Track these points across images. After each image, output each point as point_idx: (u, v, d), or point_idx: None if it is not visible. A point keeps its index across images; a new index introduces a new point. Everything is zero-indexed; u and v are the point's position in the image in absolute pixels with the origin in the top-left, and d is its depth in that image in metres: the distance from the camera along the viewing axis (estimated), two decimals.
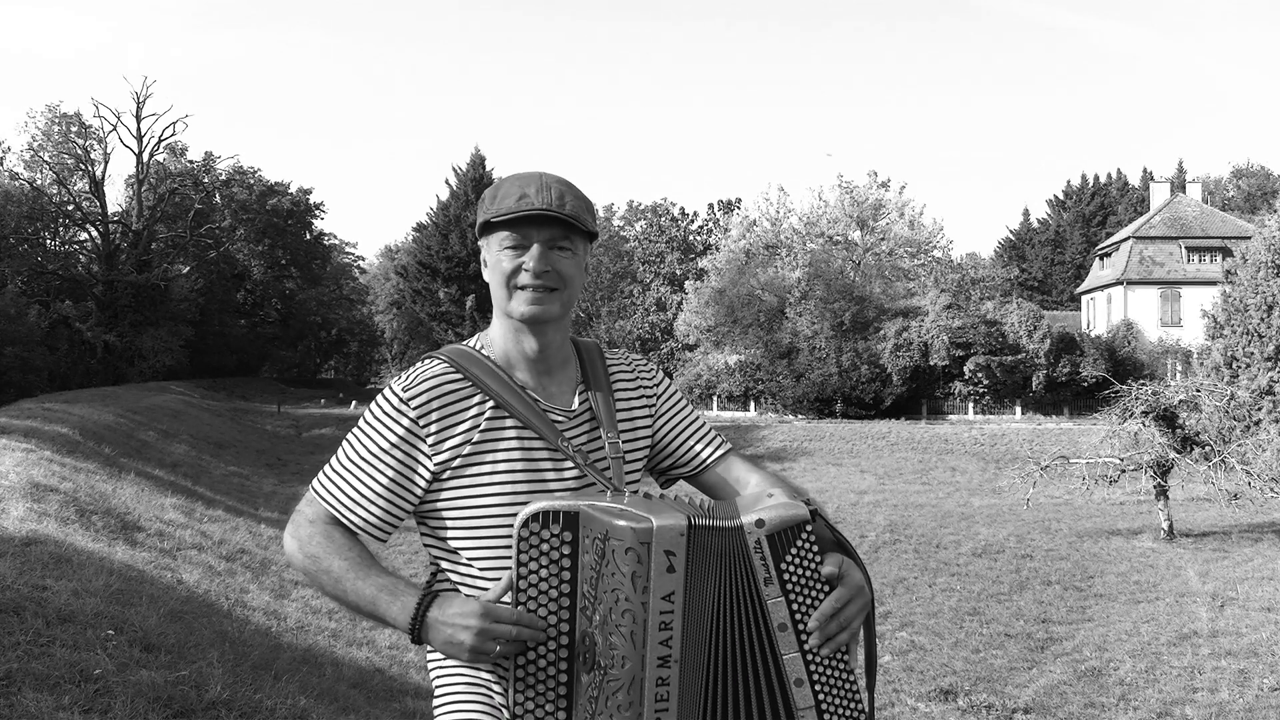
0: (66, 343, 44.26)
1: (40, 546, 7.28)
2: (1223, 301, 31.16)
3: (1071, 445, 23.57)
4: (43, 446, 14.58)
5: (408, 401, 1.76)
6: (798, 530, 1.63)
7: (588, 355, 1.94)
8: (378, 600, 1.69)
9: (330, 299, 64.94)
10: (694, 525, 1.58)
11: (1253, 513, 19.34)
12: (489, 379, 1.80)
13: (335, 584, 1.73)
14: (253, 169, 59.48)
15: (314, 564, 1.74)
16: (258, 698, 4.85)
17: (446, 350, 1.85)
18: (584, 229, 1.80)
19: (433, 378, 1.78)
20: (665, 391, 1.99)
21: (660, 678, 1.57)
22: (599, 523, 1.57)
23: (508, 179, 1.83)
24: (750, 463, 1.99)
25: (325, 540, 1.75)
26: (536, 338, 1.83)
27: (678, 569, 1.56)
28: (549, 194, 1.77)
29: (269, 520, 15.77)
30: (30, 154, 50.78)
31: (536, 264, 1.77)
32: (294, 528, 1.79)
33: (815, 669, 1.64)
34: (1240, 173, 77.74)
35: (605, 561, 1.56)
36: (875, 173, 49.81)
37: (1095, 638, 11.30)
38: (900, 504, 23.53)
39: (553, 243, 1.78)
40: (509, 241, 1.79)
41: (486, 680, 1.76)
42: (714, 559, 1.60)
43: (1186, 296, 46.60)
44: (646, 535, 1.55)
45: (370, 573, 1.72)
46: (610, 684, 1.56)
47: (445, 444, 1.75)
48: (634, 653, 1.56)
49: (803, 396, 42.04)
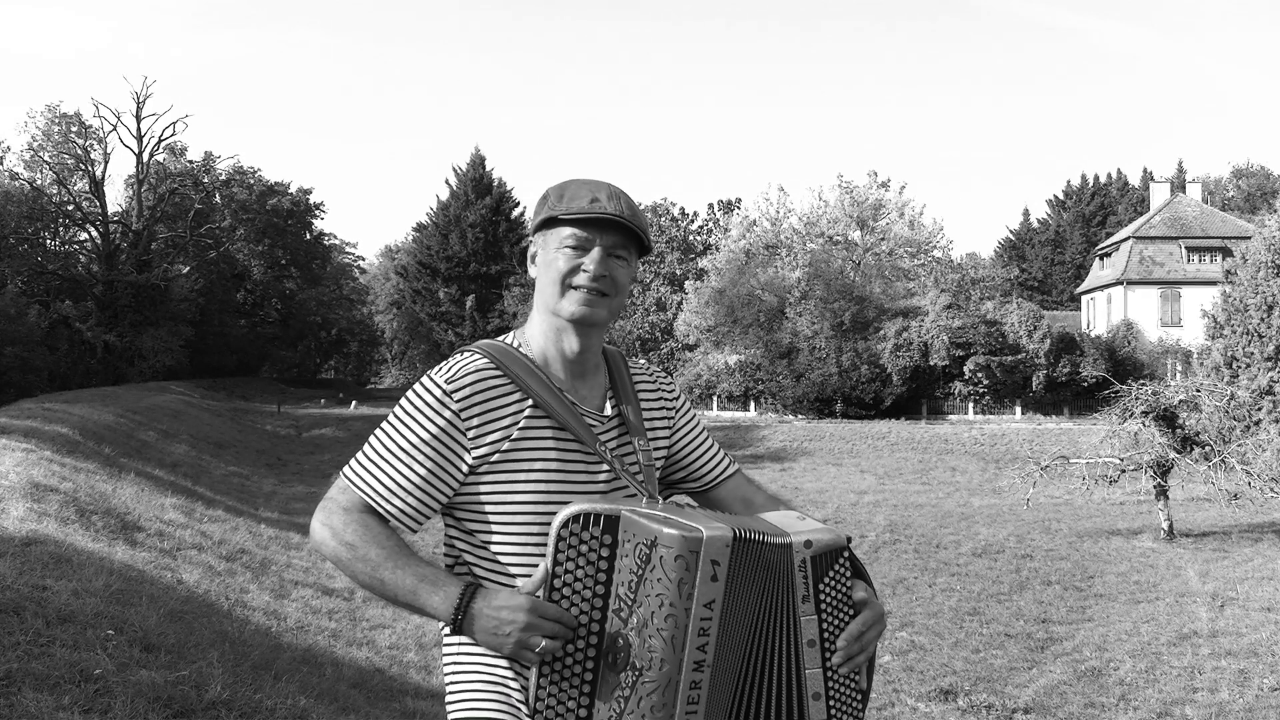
0: (66, 343, 44.27)
1: (40, 546, 7.28)
2: (1223, 301, 31.15)
3: (1071, 445, 23.57)
4: (43, 446, 14.58)
5: (451, 394, 1.76)
6: (837, 555, 1.73)
7: (615, 364, 1.97)
8: (418, 590, 1.70)
9: (330, 299, 64.94)
10: (739, 537, 1.62)
11: (1253, 513, 19.34)
12: (529, 378, 1.81)
13: (373, 572, 1.72)
14: (253, 169, 59.53)
15: (350, 551, 1.73)
16: (258, 698, 4.85)
17: (484, 345, 1.86)
18: (644, 242, 1.85)
19: (475, 371, 1.79)
20: (683, 407, 2.04)
21: (694, 681, 1.61)
22: (644, 529, 1.61)
23: (574, 181, 1.86)
24: (754, 484, 2.06)
25: (361, 528, 1.75)
26: (580, 339, 1.85)
27: (720, 578, 1.60)
28: (619, 202, 1.81)
29: (269, 520, 15.77)
30: (30, 154, 50.83)
31: (597, 267, 1.79)
32: (325, 515, 1.77)
33: (832, 685, 1.72)
34: (1240, 173, 77.74)
35: (650, 566, 1.59)
36: (875, 173, 49.84)
37: (1095, 638, 11.30)
38: (900, 504, 23.53)
39: (613, 250, 1.81)
40: (571, 241, 1.80)
41: (504, 677, 1.76)
42: (757, 571, 1.65)
43: (1186, 296, 46.60)
44: (696, 544, 1.58)
45: (409, 562, 1.72)
46: (645, 685, 1.60)
47: (484, 439, 1.76)
48: (672, 656, 1.59)
49: (803, 396, 42.04)
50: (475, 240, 58.70)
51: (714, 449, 2.04)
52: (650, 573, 1.59)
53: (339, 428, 37.78)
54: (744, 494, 2.02)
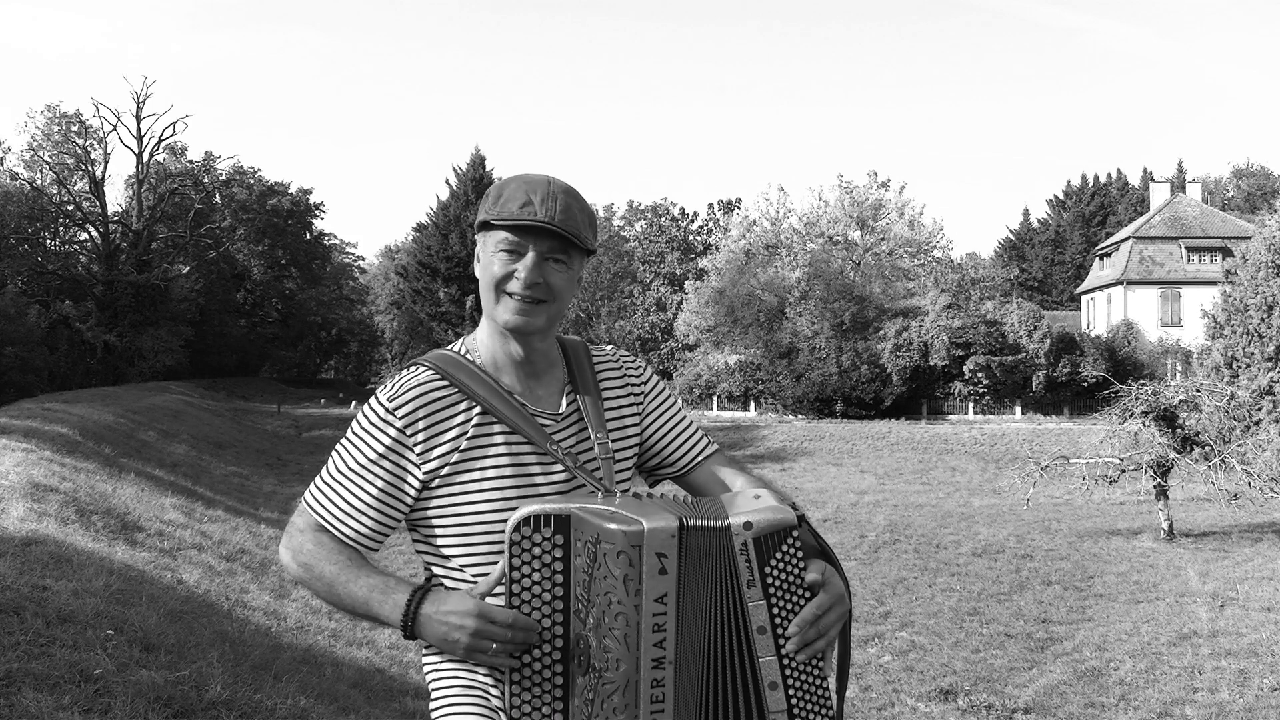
0: (66, 343, 44.26)
1: (40, 546, 7.28)
2: (1223, 301, 31.15)
3: (1071, 445, 23.56)
4: (43, 446, 14.58)
5: (393, 411, 1.75)
6: (784, 535, 1.63)
7: (574, 355, 1.92)
8: (370, 600, 1.71)
9: (330, 299, 64.96)
10: (685, 526, 1.58)
11: (1253, 513, 19.34)
12: (476, 385, 1.79)
13: (329, 589, 1.75)
14: (253, 169, 59.60)
15: (307, 571, 1.77)
16: (258, 698, 4.85)
17: (431, 357, 1.83)
18: (582, 246, 1.79)
19: (417, 386, 1.77)
20: (653, 390, 1.98)
21: (655, 679, 1.57)
22: (590, 526, 1.57)
23: (514, 180, 1.80)
24: (736, 464, 1.98)
25: (315, 547, 1.77)
26: (521, 344, 1.82)
27: (670, 570, 1.56)
28: (553, 205, 1.74)
29: (269, 520, 15.77)
30: (30, 154, 50.85)
31: (529, 274, 1.75)
32: (287, 538, 1.81)
33: (790, 674, 1.64)
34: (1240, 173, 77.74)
35: (597, 565, 1.56)
36: (875, 173, 49.86)
37: (1095, 638, 11.29)
38: (900, 504, 23.53)
39: (549, 254, 1.76)
40: (505, 246, 1.77)
41: (485, 683, 1.75)
42: (703, 559, 1.60)
43: (1186, 296, 46.60)
44: (637, 538, 1.55)
45: (361, 574, 1.73)
46: (606, 686, 1.57)
47: (433, 452, 1.75)
48: (628, 655, 1.56)
49: (803, 396, 42.04)
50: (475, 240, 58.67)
51: (689, 430, 1.98)
52: (598, 571, 1.56)
53: (339, 428, 37.69)
54: (722, 477, 1.93)
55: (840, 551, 16.75)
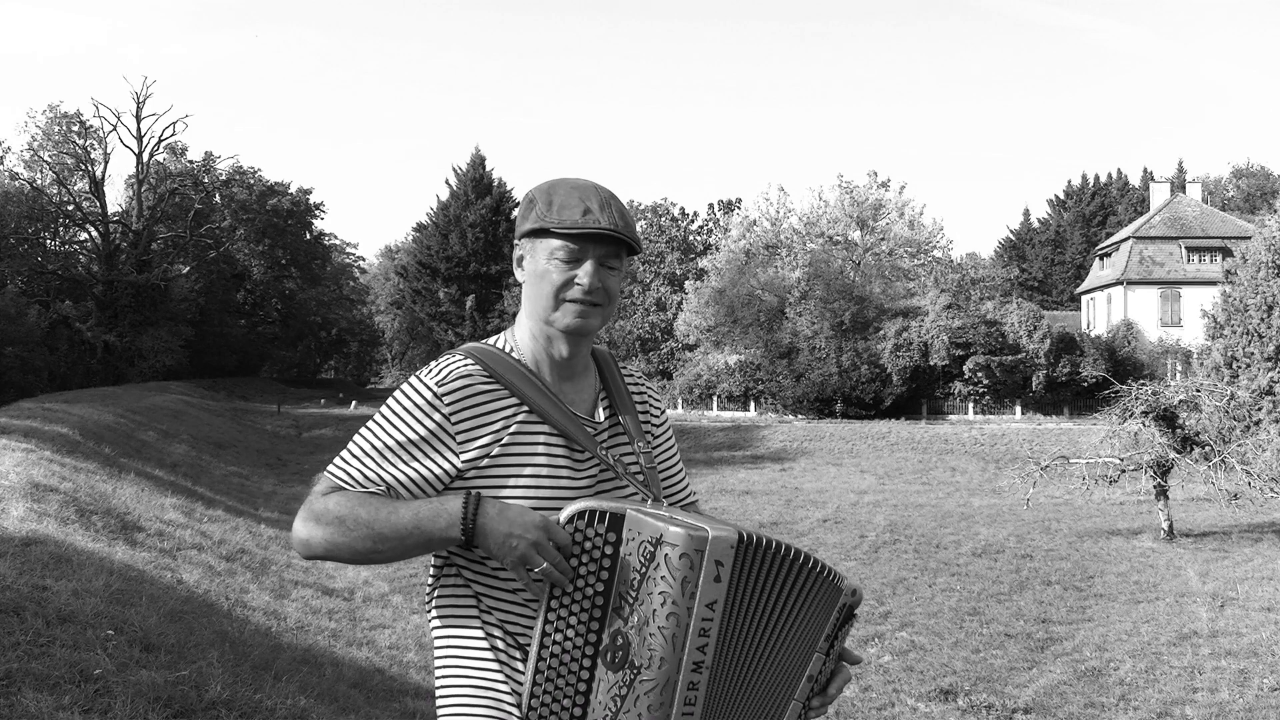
0: (66, 343, 44.27)
1: (40, 546, 7.28)
2: (1223, 301, 31.15)
3: (1071, 445, 23.55)
4: (43, 446, 14.58)
5: (442, 397, 1.74)
6: (853, 611, 1.83)
7: (606, 365, 1.96)
8: (419, 519, 1.67)
9: (330, 299, 64.95)
10: (744, 541, 1.63)
11: (1253, 513, 19.33)
12: (522, 383, 1.79)
13: (368, 530, 1.67)
14: (253, 169, 59.54)
15: (339, 525, 1.68)
16: (258, 698, 4.85)
17: (473, 348, 1.84)
18: (635, 249, 1.83)
19: (466, 376, 1.77)
20: (663, 426, 2.02)
21: (692, 682, 1.61)
22: (650, 526, 1.61)
23: (563, 186, 1.82)
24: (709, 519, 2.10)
25: (344, 498, 1.71)
26: (571, 346, 1.84)
27: (724, 579, 1.61)
28: (611, 212, 1.78)
29: (269, 520, 15.76)
30: (30, 154, 50.85)
31: (591, 280, 1.78)
32: (306, 509, 1.73)
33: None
34: (1240, 173, 77.78)
35: (654, 564, 1.60)
36: (875, 173, 49.83)
37: (1095, 638, 11.29)
38: (900, 504, 23.52)
39: (605, 260, 1.79)
40: (562, 254, 1.78)
41: (494, 681, 1.75)
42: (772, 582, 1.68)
43: (1186, 296, 46.61)
44: (701, 543, 1.59)
45: (399, 505, 1.69)
46: (643, 683, 1.60)
47: (473, 443, 1.74)
48: (672, 655, 1.59)
49: (803, 396, 42.04)
50: (475, 240, 58.70)
51: (682, 476, 2.02)
52: (654, 570, 1.59)
53: (339, 428, 37.75)
54: None
55: (840, 551, 16.77)
